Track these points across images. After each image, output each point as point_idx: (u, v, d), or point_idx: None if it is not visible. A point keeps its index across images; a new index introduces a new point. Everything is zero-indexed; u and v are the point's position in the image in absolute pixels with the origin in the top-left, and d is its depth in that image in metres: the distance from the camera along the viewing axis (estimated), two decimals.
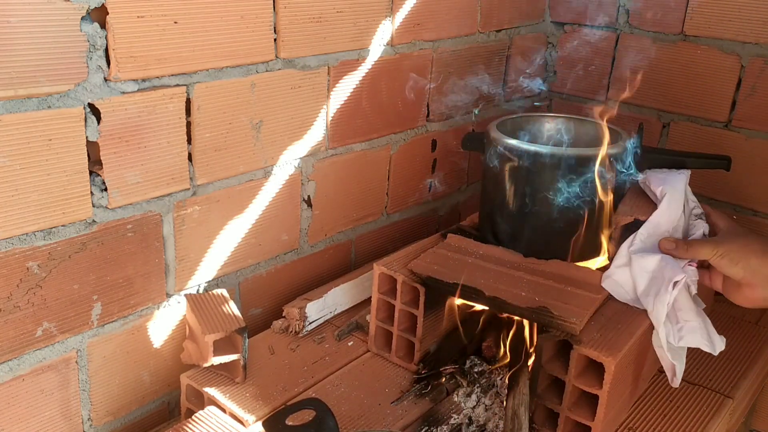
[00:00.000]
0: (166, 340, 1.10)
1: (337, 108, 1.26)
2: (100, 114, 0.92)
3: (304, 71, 1.18)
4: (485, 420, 1.03)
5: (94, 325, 1.00)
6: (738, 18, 1.44)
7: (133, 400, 1.09)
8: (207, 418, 0.95)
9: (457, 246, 1.17)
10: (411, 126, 1.44)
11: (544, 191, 1.13)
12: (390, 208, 1.47)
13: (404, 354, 1.14)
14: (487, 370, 1.10)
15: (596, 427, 0.95)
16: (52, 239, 0.91)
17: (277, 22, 1.10)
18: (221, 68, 1.05)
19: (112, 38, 0.90)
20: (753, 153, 1.46)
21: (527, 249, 1.14)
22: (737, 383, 1.16)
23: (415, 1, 1.33)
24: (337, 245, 1.37)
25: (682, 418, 1.06)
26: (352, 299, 1.28)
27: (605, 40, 1.64)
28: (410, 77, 1.38)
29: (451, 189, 1.61)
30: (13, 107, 0.83)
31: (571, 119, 1.30)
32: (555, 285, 1.06)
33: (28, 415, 0.96)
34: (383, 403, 1.05)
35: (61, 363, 0.97)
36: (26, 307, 0.91)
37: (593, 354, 0.93)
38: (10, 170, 0.85)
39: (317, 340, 1.19)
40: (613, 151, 1.14)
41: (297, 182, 1.24)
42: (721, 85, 1.49)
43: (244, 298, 1.23)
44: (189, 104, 1.02)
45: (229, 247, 1.16)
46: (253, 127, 1.12)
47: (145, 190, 1.00)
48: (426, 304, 1.09)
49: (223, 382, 1.05)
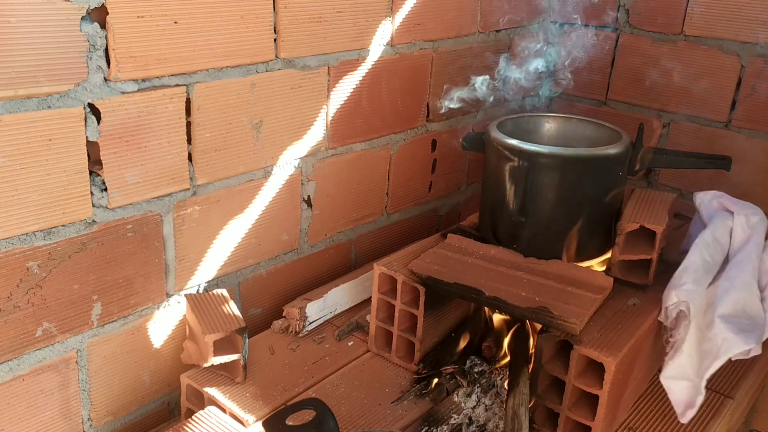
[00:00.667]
0: (166, 340, 1.10)
1: (337, 108, 1.26)
2: (100, 114, 0.92)
3: (304, 71, 1.18)
4: (485, 420, 1.02)
5: (94, 325, 1.00)
6: (738, 18, 1.44)
7: (133, 400, 1.09)
8: (207, 418, 0.95)
9: (457, 246, 1.17)
10: (411, 126, 1.44)
11: (544, 191, 1.13)
12: (390, 208, 1.47)
13: (404, 354, 1.14)
14: (487, 370, 1.10)
15: (596, 427, 0.95)
16: (52, 239, 0.91)
17: (277, 22, 1.10)
18: (221, 68, 1.05)
19: (112, 38, 0.90)
20: (753, 153, 1.46)
21: (527, 249, 1.14)
22: (737, 383, 1.16)
23: (415, 1, 1.33)
24: (337, 245, 1.37)
25: None
26: (352, 299, 1.28)
27: (605, 40, 1.64)
28: (410, 77, 1.38)
29: (451, 189, 1.61)
30: (13, 107, 0.83)
31: (571, 119, 1.30)
32: (555, 285, 1.06)
33: (28, 415, 0.96)
34: (383, 403, 1.05)
35: (61, 363, 0.97)
36: (26, 307, 0.91)
37: (593, 354, 0.93)
38: (10, 170, 0.85)
39: (317, 340, 1.19)
40: (613, 151, 1.14)
41: (297, 182, 1.24)
42: (721, 85, 1.49)
43: (244, 298, 1.23)
44: (189, 104, 1.02)
45: (229, 247, 1.16)
46: (253, 127, 1.12)
47: (145, 190, 1.00)
48: (426, 304, 1.09)
49: (223, 382, 1.05)
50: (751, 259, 1.04)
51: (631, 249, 1.12)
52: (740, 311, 0.98)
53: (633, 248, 1.12)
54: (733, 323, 0.96)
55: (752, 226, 1.09)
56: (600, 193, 1.14)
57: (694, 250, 1.05)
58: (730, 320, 0.96)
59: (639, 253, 1.11)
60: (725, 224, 1.10)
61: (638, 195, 1.22)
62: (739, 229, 1.10)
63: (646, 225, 1.10)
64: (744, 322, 0.97)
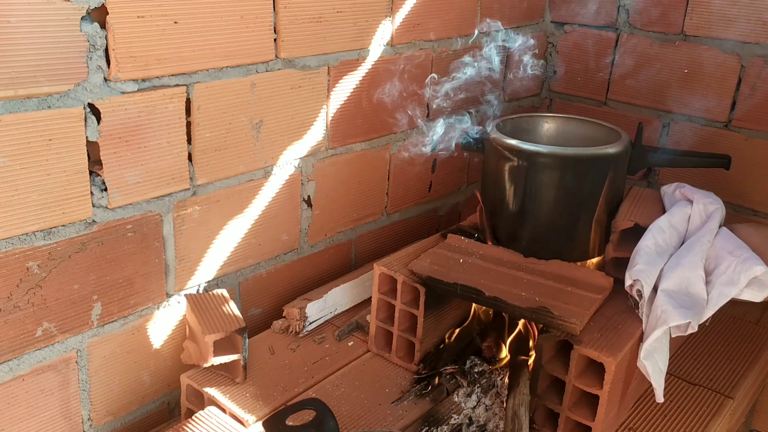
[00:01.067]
0: (166, 340, 1.10)
1: (337, 108, 1.26)
2: (100, 114, 0.92)
3: (304, 71, 1.18)
4: (485, 420, 1.02)
5: (94, 325, 1.00)
6: (738, 18, 1.44)
7: (133, 400, 1.09)
8: (207, 418, 0.95)
9: (457, 246, 1.17)
10: (411, 126, 1.44)
11: (544, 191, 1.13)
12: (390, 208, 1.47)
13: (404, 354, 1.14)
14: (487, 370, 1.10)
15: (596, 427, 0.95)
16: (52, 239, 0.91)
17: (277, 22, 1.10)
18: (221, 68, 1.05)
19: (112, 38, 0.90)
20: (753, 153, 1.46)
21: (527, 249, 1.14)
22: (737, 383, 1.16)
23: (415, 1, 1.33)
24: (337, 245, 1.37)
25: (682, 418, 1.06)
26: (352, 299, 1.28)
27: (605, 40, 1.64)
28: (410, 77, 1.38)
29: (451, 189, 1.61)
30: (13, 107, 0.83)
31: (571, 119, 1.30)
32: (555, 285, 1.06)
33: (28, 415, 0.96)
34: (383, 403, 1.05)
35: (61, 363, 0.97)
36: (26, 307, 0.91)
37: (593, 354, 0.93)
38: (10, 170, 0.85)
39: (317, 340, 1.19)
40: (612, 151, 1.14)
41: (297, 182, 1.24)
42: (721, 85, 1.49)
43: (244, 298, 1.23)
44: (189, 104, 1.02)
45: (229, 247, 1.16)
46: (253, 127, 1.12)
47: (145, 190, 1.00)
48: (426, 304, 1.09)
49: (223, 382, 1.05)
50: (701, 243, 1.08)
51: (625, 247, 1.12)
52: (683, 288, 1.02)
53: (627, 246, 1.12)
54: (674, 298, 0.99)
55: (709, 213, 1.13)
56: (599, 192, 1.14)
57: (647, 235, 1.08)
58: (672, 295, 0.99)
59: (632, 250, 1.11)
60: (683, 211, 1.14)
61: (634, 193, 1.23)
62: (696, 215, 1.14)
63: (641, 223, 1.11)
64: (684, 299, 1.00)
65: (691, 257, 1.05)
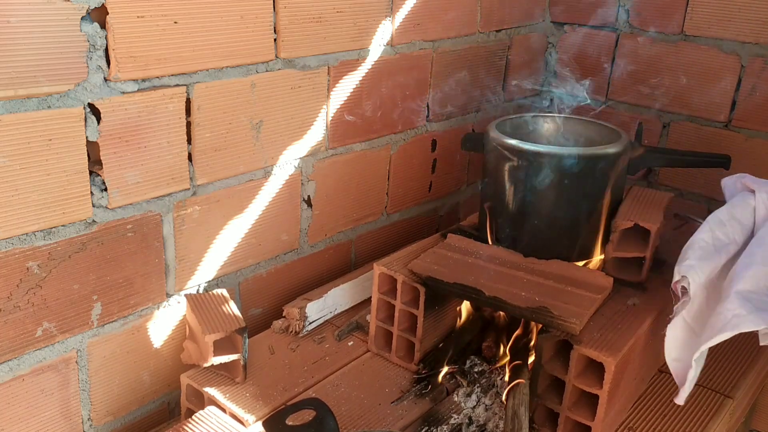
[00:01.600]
0: (166, 340, 1.10)
1: (337, 108, 1.26)
2: (100, 114, 0.92)
3: (304, 71, 1.18)
4: (485, 420, 1.02)
5: (94, 325, 1.00)
6: (738, 18, 1.44)
7: (133, 400, 1.09)
8: (207, 418, 0.95)
9: (457, 246, 1.17)
10: (411, 126, 1.44)
11: (544, 191, 1.13)
12: (390, 208, 1.47)
13: (404, 354, 1.14)
14: (487, 370, 1.10)
15: (596, 427, 0.95)
16: (52, 239, 0.91)
17: (277, 22, 1.10)
18: (221, 68, 1.05)
19: (112, 38, 0.90)
20: (753, 153, 1.46)
21: (527, 249, 1.15)
22: (737, 383, 1.16)
23: (415, 1, 1.33)
24: (337, 245, 1.37)
25: (682, 418, 1.06)
26: (352, 299, 1.28)
27: (605, 40, 1.64)
28: (410, 77, 1.38)
29: (451, 189, 1.61)
30: (13, 107, 0.83)
31: (571, 119, 1.30)
32: (555, 285, 1.06)
33: (28, 415, 0.96)
34: (383, 403, 1.05)
35: (61, 363, 0.97)
36: (26, 307, 0.91)
37: (593, 354, 0.93)
38: (10, 170, 0.85)
39: (317, 340, 1.19)
40: (612, 151, 1.14)
41: (297, 182, 1.24)
42: (721, 85, 1.49)
43: (244, 298, 1.23)
44: (189, 104, 1.02)
45: (229, 247, 1.16)
46: (253, 127, 1.12)
47: (145, 190, 1.00)
48: (426, 304, 1.09)
49: (223, 382, 1.05)
50: None
51: (625, 246, 1.12)
52: (761, 287, 0.92)
53: (627, 246, 1.12)
54: (751, 300, 0.89)
55: None
56: (599, 192, 1.14)
57: (703, 227, 0.99)
58: (748, 297, 0.90)
59: (633, 251, 1.12)
60: (746, 203, 1.04)
61: (634, 193, 1.23)
62: (761, 206, 1.04)
63: (641, 223, 1.11)
64: (764, 300, 0.91)
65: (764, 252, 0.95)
